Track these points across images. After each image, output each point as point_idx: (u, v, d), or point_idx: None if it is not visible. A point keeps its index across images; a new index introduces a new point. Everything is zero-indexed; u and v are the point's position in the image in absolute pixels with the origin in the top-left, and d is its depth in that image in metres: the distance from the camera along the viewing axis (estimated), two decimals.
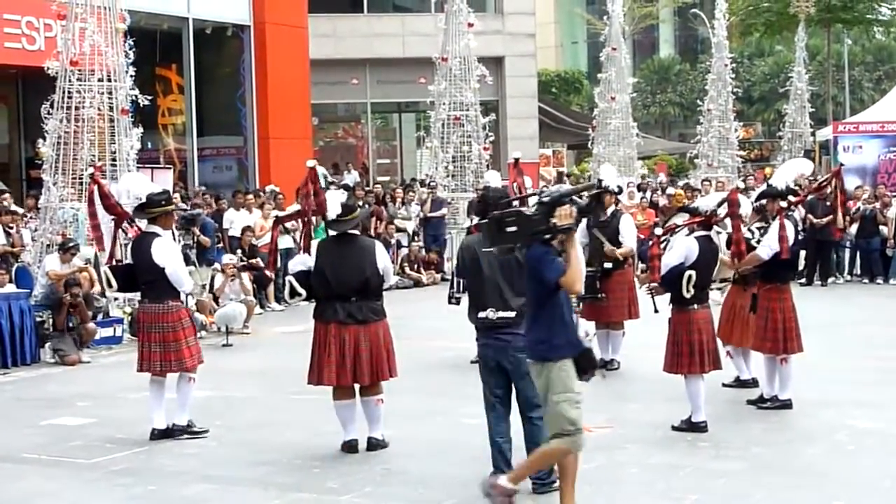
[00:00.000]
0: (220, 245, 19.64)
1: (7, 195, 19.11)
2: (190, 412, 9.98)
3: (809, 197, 17.32)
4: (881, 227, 21.83)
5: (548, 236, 6.85)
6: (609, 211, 12.75)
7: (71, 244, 15.35)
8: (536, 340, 7.02)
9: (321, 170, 30.57)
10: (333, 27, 33.68)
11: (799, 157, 29.86)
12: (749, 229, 10.65)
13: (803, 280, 20.22)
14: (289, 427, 10.29)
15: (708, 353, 9.67)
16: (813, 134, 35.51)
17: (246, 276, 17.54)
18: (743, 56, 62.24)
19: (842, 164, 13.54)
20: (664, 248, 9.80)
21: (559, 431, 6.96)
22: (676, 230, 9.96)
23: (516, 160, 10.74)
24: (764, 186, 11.14)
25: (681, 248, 9.65)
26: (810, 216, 20.19)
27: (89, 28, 16.32)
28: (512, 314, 7.74)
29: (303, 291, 9.26)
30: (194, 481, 8.60)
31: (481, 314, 7.83)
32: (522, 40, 36.93)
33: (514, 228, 6.80)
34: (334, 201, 9.17)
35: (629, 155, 31.31)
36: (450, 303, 13.42)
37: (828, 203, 19.34)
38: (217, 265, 17.53)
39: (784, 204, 10.55)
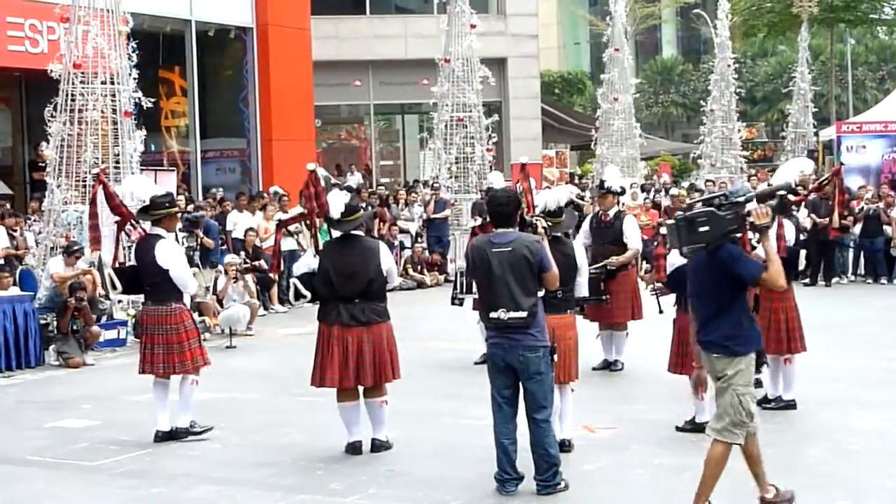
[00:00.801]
0: (224, 247, 19.65)
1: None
2: (193, 414, 9.98)
3: (811, 196, 17.30)
4: (885, 227, 21.81)
5: (738, 235, 7.10)
6: (612, 212, 12.79)
7: (75, 247, 15.36)
8: (725, 336, 7.09)
9: (322, 171, 30.59)
10: (336, 29, 33.68)
11: (801, 157, 29.83)
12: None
13: (807, 280, 20.22)
14: (293, 429, 10.29)
15: None
16: (816, 134, 35.49)
17: (250, 277, 17.56)
18: (746, 56, 62.21)
19: (842, 164, 13.54)
20: (669, 248, 9.79)
21: (734, 421, 7.10)
22: None
23: (523, 165, 10.73)
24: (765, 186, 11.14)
25: None
26: (813, 216, 20.16)
27: (92, 31, 16.31)
28: (523, 314, 7.73)
29: (307, 293, 9.27)
30: (198, 483, 8.61)
31: (493, 314, 7.83)
32: (525, 41, 36.92)
33: (706, 228, 6.95)
34: (338, 201, 9.18)
35: (632, 156, 31.30)
36: (453, 304, 13.44)
37: (830, 202, 19.34)
38: (220, 267, 17.56)
39: None
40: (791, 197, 10.72)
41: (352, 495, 8.13)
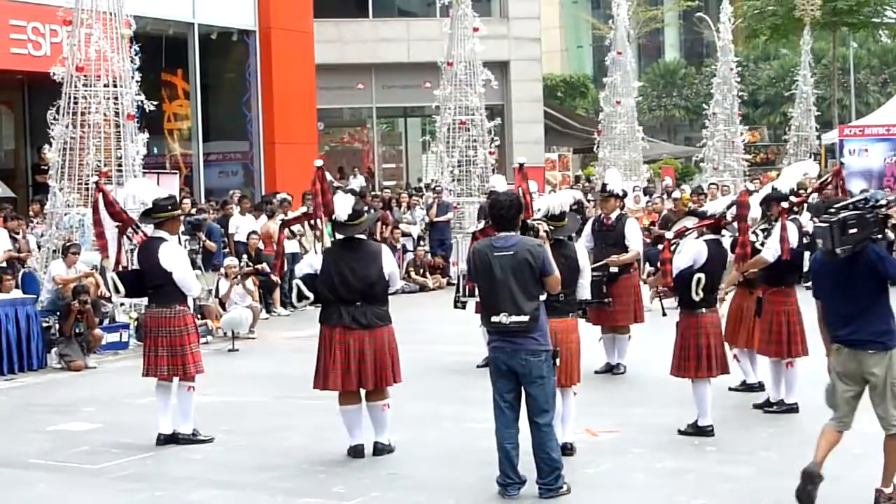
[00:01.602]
0: (227, 250, 19.65)
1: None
2: (194, 420, 9.96)
3: (814, 198, 17.27)
4: (886, 231, 21.71)
5: (880, 237, 7.49)
6: (614, 215, 12.79)
7: (70, 245, 15.40)
8: (878, 332, 7.42)
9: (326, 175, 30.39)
10: (339, 32, 33.68)
11: (804, 159, 29.81)
12: (754, 231, 10.64)
13: (809, 283, 20.14)
14: (294, 432, 10.29)
15: (716, 358, 9.65)
16: (819, 137, 35.46)
17: (250, 280, 17.54)
18: (748, 60, 62.11)
19: (841, 164, 13.52)
20: (674, 252, 9.79)
21: None
22: (686, 233, 9.97)
23: (521, 165, 10.71)
24: (768, 189, 11.13)
25: (690, 252, 9.64)
26: (815, 219, 20.06)
27: (95, 34, 16.32)
28: (525, 318, 7.72)
29: (310, 295, 9.26)
30: (200, 486, 8.61)
31: (494, 318, 7.82)
32: (527, 45, 36.92)
33: (855, 231, 7.28)
34: (344, 204, 9.17)
35: (635, 159, 31.28)
36: (455, 307, 13.43)
37: None
38: (223, 270, 17.56)
39: (786, 205, 10.54)
40: (793, 198, 10.76)
41: (354, 498, 8.13)
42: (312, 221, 9.82)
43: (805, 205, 11.96)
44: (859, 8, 42.96)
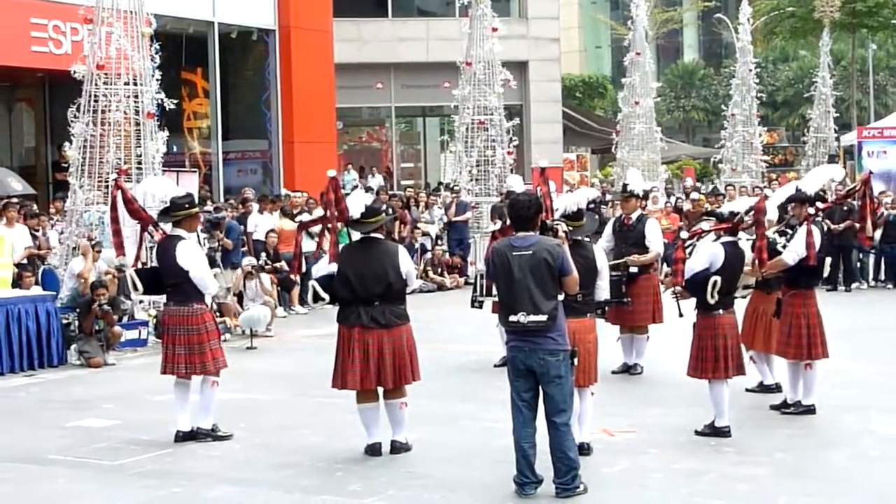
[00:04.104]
0: (245, 248, 19.71)
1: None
2: (214, 415, 10.01)
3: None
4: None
5: None
6: (635, 215, 12.80)
7: (92, 242, 15.47)
8: None
9: (353, 174, 30.55)
10: (358, 31, 33.79)
11: (824, 162, 29.70)
12: (780, 233, 10.62)
13: (829, 286, 20.12)
14: (312, 430, 10.32)
15: (732, 359, 9.65)
16: (837, 139, 35.36)
17: (267, 277, 17.59)
18: (767, 61, 62.01)
19: (871, 172, 13.47)
20: (689, 252, 9.80)
21: None
22: (702, 235, 9.96)
23: (543, 169, 10.73)
24: (791, 188, 11.09)
25: (706, 254, 9.64)
26: (828, 221, 20.03)
27: (115, 32, 16.39)
28: (543, 318, 7.73)
29: (326, 296, 9.28)
30: (218, 483, 8.64)
31: (512, 318, 7.83)
32: (546, 45, 36.96)
33: None
34: (358, 202, 9.20)
35: (653, 159, 31.25)
36: (472, 306, 13.43)
37: (845, 208, 19.27)
38: (240, 270, 17.62)
39: (812, 210, 10.51)
40: (819, 204, 10.72)
41: (370, 497, 8.15)
42: (329, 226, 9.85)
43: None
44: (879, 10, 42.88)
